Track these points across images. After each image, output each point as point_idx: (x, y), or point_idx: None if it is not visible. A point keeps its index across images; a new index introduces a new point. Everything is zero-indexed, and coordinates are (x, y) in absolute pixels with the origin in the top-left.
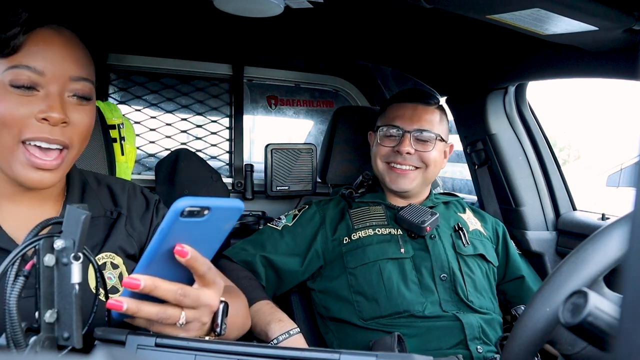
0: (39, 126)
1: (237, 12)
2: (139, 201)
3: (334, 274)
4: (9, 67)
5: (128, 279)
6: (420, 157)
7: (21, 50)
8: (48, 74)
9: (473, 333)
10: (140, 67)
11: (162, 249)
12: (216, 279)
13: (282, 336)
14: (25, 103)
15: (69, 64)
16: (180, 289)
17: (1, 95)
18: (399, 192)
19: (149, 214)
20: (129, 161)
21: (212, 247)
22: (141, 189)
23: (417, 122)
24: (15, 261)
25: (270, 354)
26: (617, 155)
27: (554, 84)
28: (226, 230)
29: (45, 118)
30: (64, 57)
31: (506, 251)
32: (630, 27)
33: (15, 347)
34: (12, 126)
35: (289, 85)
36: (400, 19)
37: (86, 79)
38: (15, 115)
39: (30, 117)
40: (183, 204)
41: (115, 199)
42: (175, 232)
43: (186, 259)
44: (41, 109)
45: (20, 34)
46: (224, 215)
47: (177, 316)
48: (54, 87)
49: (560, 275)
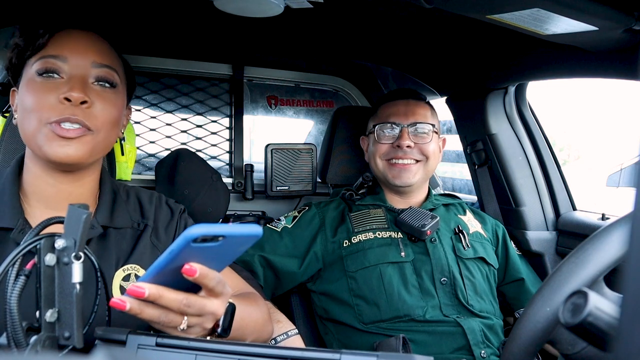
0: (62, 107)
1: (237, 12)
2: (164, 212)
3: (334, 277)
4: (38, 59)
5: (133, 286)
6: (420, 149)
7: (48, 45)
8: (71, 60)
9: (476, 338)
10: (141, 67)
11: (169, 267)
12: (224, 290)
13: (280, 337)
14: (50, 89)
15: (91, 51)
16: (185, 299)
17: (30, 87)
18: (401, 189)
19: (174, 224)
20: (129, 161)
21: (224, 263)
22: (166, 199)
23: (412, 116)
24: (15, 261)
25: (270, 354)
26: (617, 155)
27: (554, 84)
28: (240, 251)
29: (67, 97)
30: (86, 46)
31: (506, 253)
32: (630, 27)
33: (16, 347)
34: (39, 110)
35: (289, 85)
36: (400, 19)
37: (108, 66)
38: (42, 99)
39: (55, 100)
40: (196, 232)
41: (142, 211)
42: (185, 255)
43: (194, 277)
44: (62, 90)
45: (47, 34)
46: (239, 241)
47: (179, 321)
48: (76, 71)
49: (560, 275)
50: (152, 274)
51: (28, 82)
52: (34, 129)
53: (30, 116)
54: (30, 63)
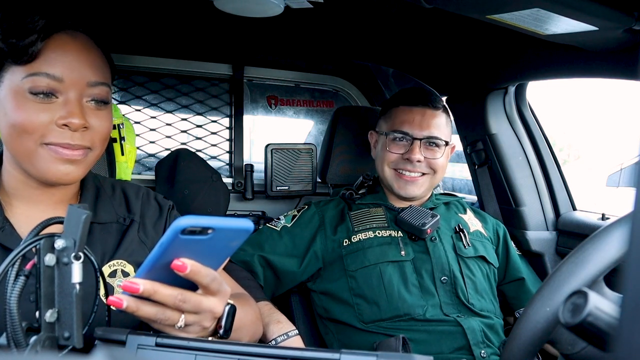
0: (60, 132)
1: (237, 12)
2: (152, 208)
3: (334, 276)
4: (28, 75)
5: (127, 282)
6: (429, 163)
7: (39, 58)
8: (66, 80)
9: (476, 338)
10: (140, 67)
11: (162, 261)
12: (221, 288)
13: (280, 337)
14: (44, 110)
15: (86, 69)
16: (180, 294)
17: (21, 103)
18: (407, 197)
19: (162, 221)
20: (129, 161)
21: (218, 260)
22: (155, 195)
23: (427, 129)
24: (15, 261)
25: (270, 354)
26: (617, 155)
27: (554, 84)
28: (234, 247)
29: (66, 124)
30: (81, 63)
31: (506, 252)
32: (630, 27)
33: (15, 347)
34: (33, 132)
35: (289, 85)
36: (401, 19)
37: (103, 83)
38: (35, 122)
39: (50, 123)
40: (183, 223)
41: (129, 206)
42: (176, 248)
43: (185, 273)
44: (61, 115)
45: (38, 41)
46: (230, 235)
47: (176, 319)
48: (72, 93)
49: (560, 275)
50: (145, 270)
51: (16, 95)
52: (28, 150)
53: (22, 136)
54: (16, 71)
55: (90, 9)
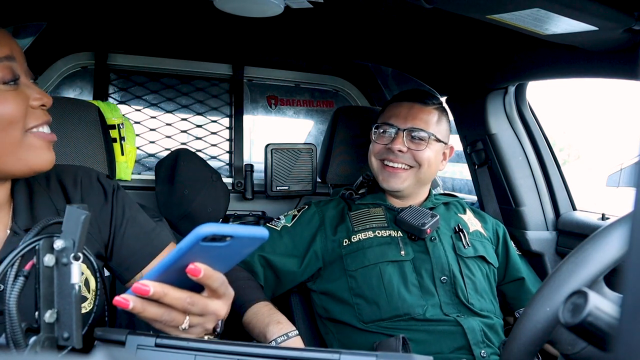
0: (39, 113)
1: (237, 12)
2: (95, 192)
3: (334, 276)
4: None
5: (138, 284)
6: (413, 155)
7: None
8: (18, 59)
9: (476, 337)
10: (140, 67)
11: (176, 265)
12: (227, 291)
13: (280, 338)
14: (18, 95)
15: (14, 42)
16: (189, 297)
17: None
18: (393, 192)
19: (108, 206)
20: (129, 161)
21: (229, 264)
22: (97, 175)
23: (412, 121)
24: (15, 261)
25: (270, 354)
26: (617, 155)
27: (554, 83)
28: (246, 253)
29: (44, 104)
30: (10, 37)
31: (506, 252)
32: (630, 27)
33: (15, 347)
34: (19, 120)
35: (289, 85)
36: (401, 19)
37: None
38: (21, 109)
39: (27, 107)
40: (207, 231)
41: (67, 197)
42: (193, 253)
43: (198, 277)
44: (35, 96)
45: None
46: (245, 243)
47: (181, 320)
48: (24, 72)
49: (560, 275)
50: (158, 272)
51: None
52: (15, 141)
53: (8, 128)
54: None
55: (90, 9)
